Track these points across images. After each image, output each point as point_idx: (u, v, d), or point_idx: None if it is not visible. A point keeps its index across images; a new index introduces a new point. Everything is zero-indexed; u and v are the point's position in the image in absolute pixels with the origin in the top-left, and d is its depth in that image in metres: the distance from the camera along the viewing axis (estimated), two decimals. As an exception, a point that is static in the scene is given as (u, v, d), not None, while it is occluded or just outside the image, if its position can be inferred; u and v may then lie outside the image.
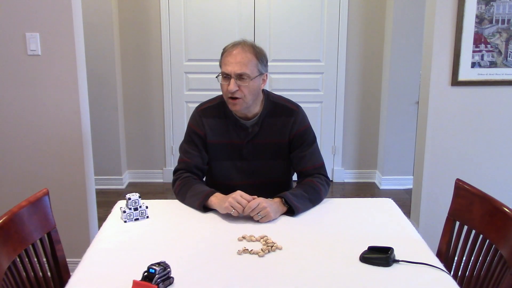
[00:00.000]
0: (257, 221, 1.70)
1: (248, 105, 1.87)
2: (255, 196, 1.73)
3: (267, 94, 1.99)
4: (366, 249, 1.45)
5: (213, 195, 1.78)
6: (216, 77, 1.89)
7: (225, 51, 1.88)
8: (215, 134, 1.96)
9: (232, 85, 1.80)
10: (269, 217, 1.69)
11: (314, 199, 1.85)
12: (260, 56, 1.86)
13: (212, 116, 1.97)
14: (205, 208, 1.78)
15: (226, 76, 1.83)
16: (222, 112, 1.96)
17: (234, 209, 1.68)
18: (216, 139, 1.96)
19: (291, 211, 1.75)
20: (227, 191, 1.98)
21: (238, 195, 1.70)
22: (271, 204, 1.72)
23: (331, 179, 4.47)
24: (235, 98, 1.84)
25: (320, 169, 1.96)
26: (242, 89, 1.82)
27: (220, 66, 1.88)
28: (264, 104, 1.95)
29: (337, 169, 4.46)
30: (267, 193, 1.87)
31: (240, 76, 1.81)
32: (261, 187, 1.97)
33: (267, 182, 1.99)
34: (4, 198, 2.64)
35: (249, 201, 1.69)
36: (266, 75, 1.92)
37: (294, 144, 1.97)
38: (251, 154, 1.96)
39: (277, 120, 1.95)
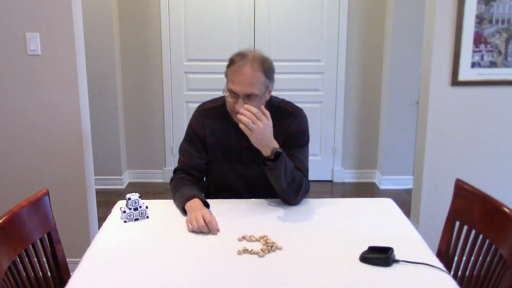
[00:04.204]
0: (257, 220, 1.70)
1: None
2: (213, 217, 1.66)
3: (269, 100, 1.94)
4: (366, 249, 1.45)
5: (191, 200, 1.76)
6: (223, 92, 1.84)
7: (233, 64, 1.79)
8: (215, 136, 1.95)
9: (240, 105, 1.75)
10: (257, 133, 1.67)
11: (295, 182, 1.80)
12: (269, 73, 1.81)
13: (213, 118, 1.96)
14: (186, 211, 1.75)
15: (234, 94, 1.79)
16: (224, 114, 1.94)
17: (190, 224, 1.64)
18: (215, 141, 1.95)
19: (270, 162, 1.72)
20: (225, 192, 1.98)
21: (200, 215, 1.64)
22: (266, 130, 1.68)
23: (331, 179, 4.48)
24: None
25: (304, 172, 1.90)
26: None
27: (226, 76, 1.83)
28: (267, 109, 1.91)
29: (337, 169, 4.46)
30: (264, 197, 1.88)
31: (248, 96, 1.77)
32: (258, 191, 1.97)
33: (264, 186, 1.96)
34: (4, 198, 2.64)
35: (207, 222, 1.62)
36: (272, 86, 1.87)
37: (287, 143, 1.91)
38: (250, 158, 1.94)
39: (276, 123, 1.90)
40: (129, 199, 1.71)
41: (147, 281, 1.33)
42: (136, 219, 1.72)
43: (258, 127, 1.68)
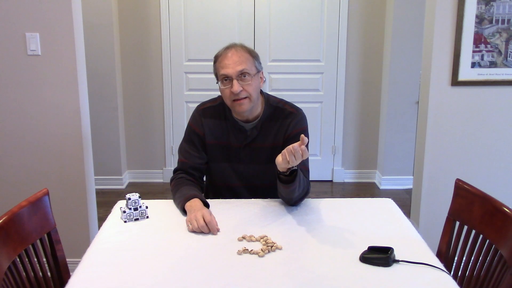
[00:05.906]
0: (257, 220, 1.70)
1: (254, 103, 1.85)
2: (213, 217, 1.66)
3: (267, 98, 1.96)
4: (366, 249, 1.45)
5: (191, 200, 1.75)
6: (217, 83, 1.88)
7: (218, 56, 1.87)
8: (214, 135, 1.95)
9: (236, 86, 1.79)
10: (288, 163, 1.62)
11: (303, 191, 1.80)
12: (254, 54, 1.88)
13: (212, 117, 1.96)
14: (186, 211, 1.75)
15: (227, 79, 1.82)
16: (222, 114, 1.95)
17: (190, 224, 1.64)
18: (214, 140, 1.95)
19: (285, 176, 1.71)
20: (226, 192, 1.99)
21: (200, 215, 1.63)
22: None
23: (331, 179, 4.48)
24: (241, 99, 1.82)
25: (305, 173, 1.89)
26: (246, 88, 1.81)
27: (216, 73, 1.88)
28: (264, 107, 1.93)
29: (337, 169, 4.46)
30: (263, 197, 1.88)
31: (241, 75, 1.80)
32: (257, 190, 1.97)
33: (263, 185, 1.97)
34: (4, 198, 2.64)
35: (207, 222, 1.61)
36: (262, 73, 1.92)
37: (287, 144, 1.85)
38: (248, 157, 1.94)
39: (275, 123, 1.93)
40: (129, 199, 1.71)
41: (147, 281, 1.33)
42: (136, 219, 1.72)
43: (293, 162, 1.61)
